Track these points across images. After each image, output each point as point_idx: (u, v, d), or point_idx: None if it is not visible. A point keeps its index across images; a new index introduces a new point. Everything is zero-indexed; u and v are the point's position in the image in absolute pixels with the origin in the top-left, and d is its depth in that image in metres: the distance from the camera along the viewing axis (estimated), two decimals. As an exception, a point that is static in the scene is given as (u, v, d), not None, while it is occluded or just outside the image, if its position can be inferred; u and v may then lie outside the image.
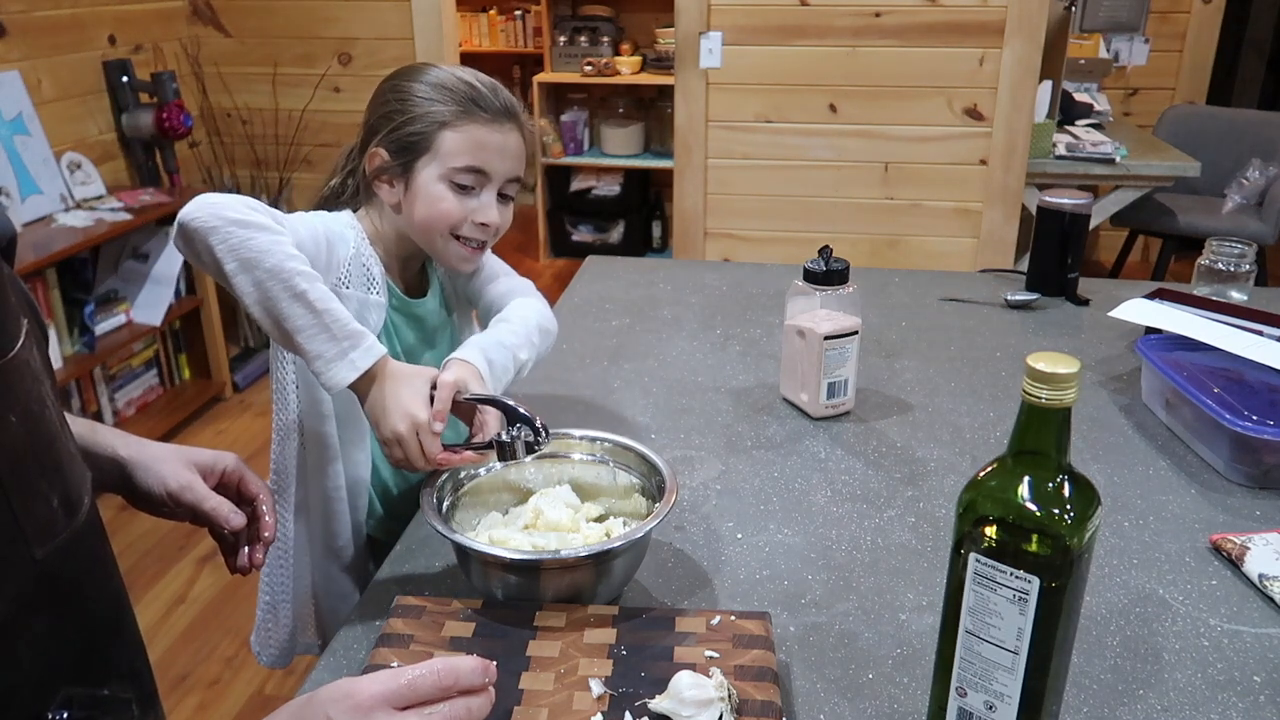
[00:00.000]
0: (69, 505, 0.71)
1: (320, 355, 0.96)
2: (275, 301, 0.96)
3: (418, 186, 1.16)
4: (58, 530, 0.69)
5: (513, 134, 1.18)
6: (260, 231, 0.98)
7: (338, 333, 0.97)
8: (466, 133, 1.14)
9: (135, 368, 3.22)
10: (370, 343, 0.98)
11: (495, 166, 1.16)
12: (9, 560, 0.66)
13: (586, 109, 4.95)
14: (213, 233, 0.97)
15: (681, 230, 3.20)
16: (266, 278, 0.96)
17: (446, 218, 1.16)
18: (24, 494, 0.66)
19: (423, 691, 0.65)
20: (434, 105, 1.15)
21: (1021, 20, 2.80)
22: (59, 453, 0.72)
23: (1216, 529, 1.07)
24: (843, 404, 1.33)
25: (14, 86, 2.86)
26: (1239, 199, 3.78)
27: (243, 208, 1.00)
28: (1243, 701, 0.82)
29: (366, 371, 0.97)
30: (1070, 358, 0.63)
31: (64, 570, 0.68)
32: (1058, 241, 1.71)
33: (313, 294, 0.97)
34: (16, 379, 0.67)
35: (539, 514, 0.99)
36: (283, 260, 0.97)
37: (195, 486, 0.92)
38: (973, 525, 0.68)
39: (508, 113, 1.17)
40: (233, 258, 0.97)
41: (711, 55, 2.97)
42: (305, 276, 0.98)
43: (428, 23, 3.39)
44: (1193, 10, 4.43)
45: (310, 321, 0.96)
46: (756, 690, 0.77)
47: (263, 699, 2.10)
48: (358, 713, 0.64)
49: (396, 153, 1.16)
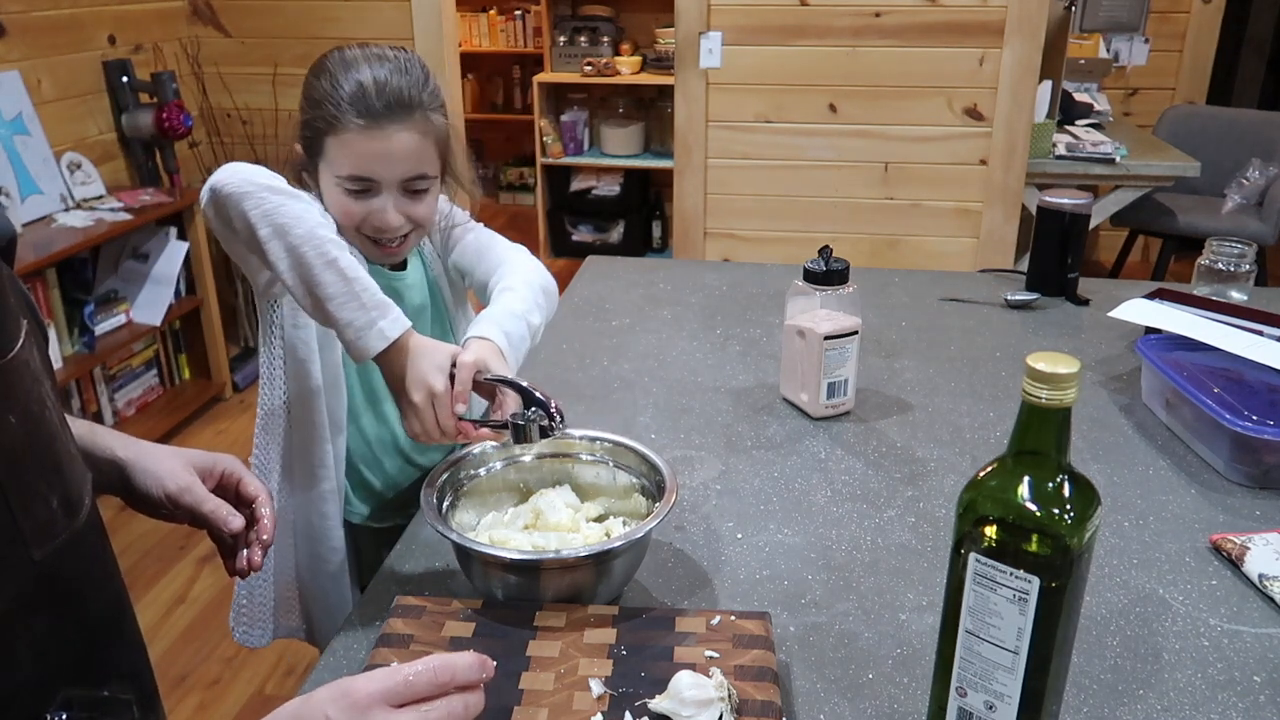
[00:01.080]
0: (69, 506, 0.71)
1: (351, 323, 0.96)
2: (309, 268, 0.96)
3: (322, 186, 1.16)
4: (57, 531, 0.69)
5: (401, 134, 1.11)
6: (292, 199, 0.98)
7: (367, 301, 0.97)
8: (344, 141, 1.11)
9: (135, 368, 3.22)
10: (397, 313, 0.98)
11: (381, 173, 1.12)
12: (7, 561, 0.66)
13: (586, 109, 4.95)
14: (246, 198, 0.97)
15: (681, 230, 3.20)
16: (300, 243, 0.96)
17: (348, 220, 1.15)
18: (23, 495, 0.66)
19: (420, 689, 0.65)
20: (322, 108, 1.11)
21: (1021, 20, 2.80)
22: (59, 453, 0.71)
23: (1216, 529, 1.07)
24: (843, 404, 1.33)
25: (14, 86, 2.86)
26: (1239, 199, 3.78)
27: (271, 175, 1.00)
28: (1243, 701, 0.82)
29: (394, 342, 0.97)
30: (1070, 358, 0.63)
31: (63, 571, 0.68)
32: (1058, 241, 1.71)
33: (343, 261, 0.97)
34: (16, 379, 0.66)
35: (539, 514, 0.99)
36: (314, 228, 0.97)
37: (194, 488, 0.92)
38: (973, 525, 0.68)
39: (394, 110, 1.10)
40: (266, 223, 0.97)
41: (711, 55, 2.97)
42: (336, 244, 0.98)
43: (428, 23, 3.39)
44: (1193, 10, 4.43)
45: (342, 289, 0.96)
46: (756, 690, 0.77)
47: (263, 699, 2.10)
48: (355, 711, 0.63)
49: (306, 149, 1.16)
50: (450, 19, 3.49)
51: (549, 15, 4.81)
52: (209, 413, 3.37)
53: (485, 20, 5.27)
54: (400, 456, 1.30)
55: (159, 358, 3.34)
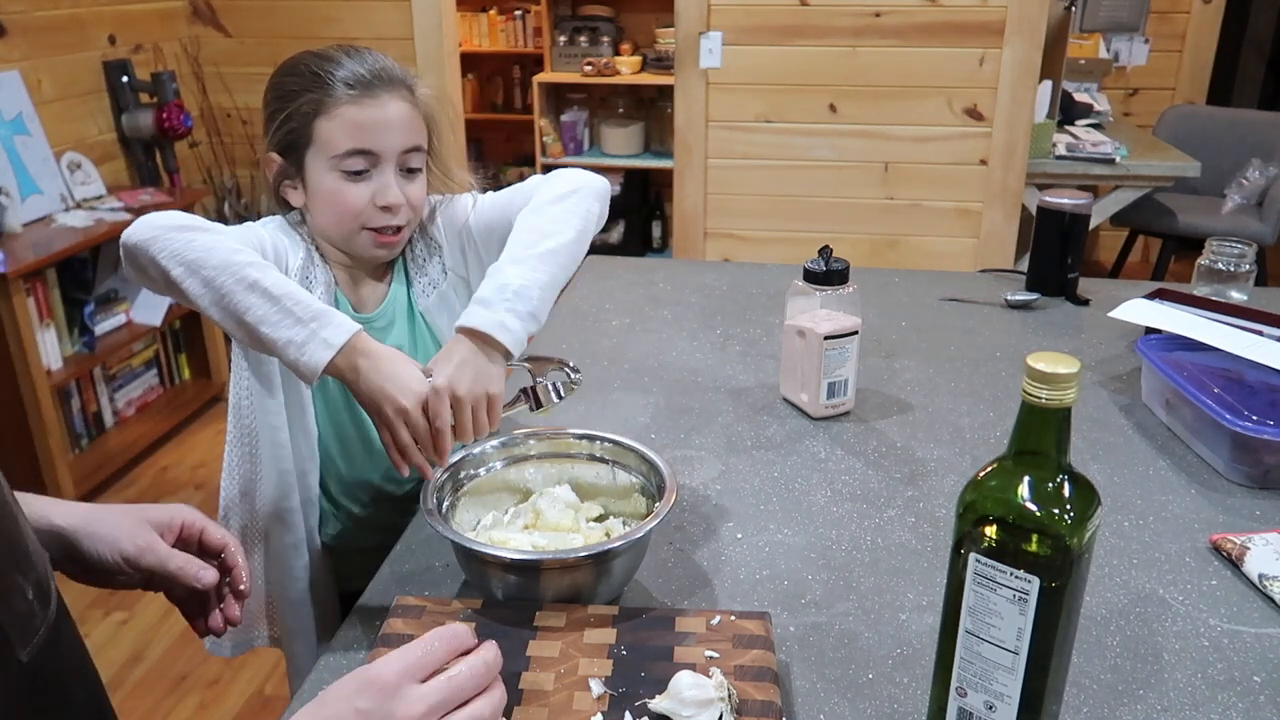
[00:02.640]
0: (42, 594, 0.65)
1: (290, 341, 0.91)
2: (229, 296, 0.92)
3: (312, 183, 1.11)
4: (36, 625, 0.63)
5: (393, 102, 1.09)
6: (201, 233, 0.95)
7: (301, 314, 0.92)
8: (339, 116, 1.07)
9: (135, 368, 3.22)
10: (340, 319, 0.93)
11: (382, 143, 1.08)
12: None
13: (586, 109, 4.95)
14: (152, 243, 0.94)
15: (681, 230, 3.20)
16: (215, 274, 0.93)
17: (349, 209, 1.10)
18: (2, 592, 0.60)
19: (440, 657, 0.66)
20: (304, 95, 1.08)
21: (1021, 20, 2.80)
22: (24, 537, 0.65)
23: (1216, 529, 1.07)
24: (843, 404, 1.33)
25: (14, 86, 2.86)
26: (1239, 199, 3.78)
27: (182, 217, 0.97)
28: (1243, 701, 0.82)
29: (343, 349, 0.91)
30: (1070, 358, 0.63)
31: (46, 669, 0.64)
32: (1058, 241, 1.71)
33: (266, 280, 0.93)
34: None
35: (539, 514, 0.99)
36: (229, 255, 0.94)
37: (156, 547, 0.83)
38: (973, 525, 0.68)
39: (381, 80, 1.08)
40: (176, 262, 0.94)
41: (711, 55, 2.97)
42: (256, 266, 0.94)
43: (428, 23, 3.39)
44: (1193, 10, 4.43)
45: (270, 309, 0.92)
46: (756, 690, 0.77)
47: (263, 699, 2.10)
48: (386, 695, 0.63)
49: (284, 152, 1.11)
50: (450, 19, 3.49)
51: (549, 15, 4.81)
52: (209, 413, 3.37)
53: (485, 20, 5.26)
54: (374, 486, 1.26)
55: (159, 358, 3.34)
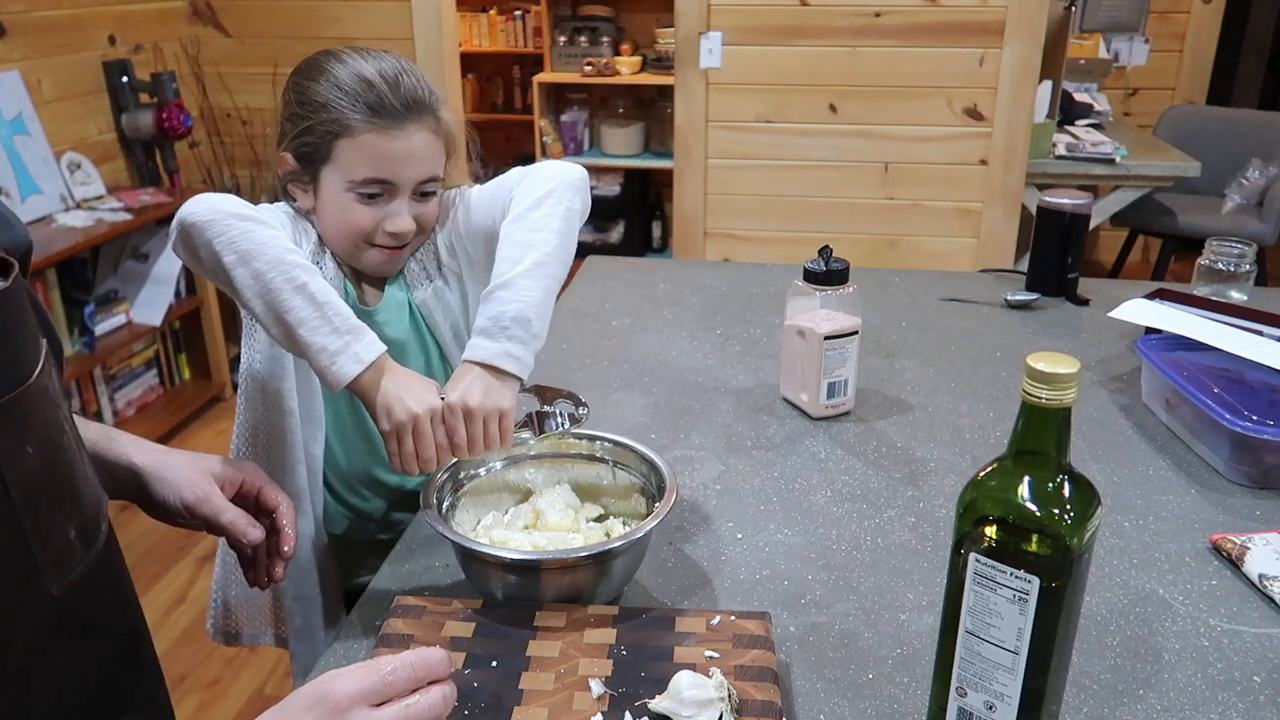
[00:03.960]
0: (86, 535, 0.69)
1: (324, 349, 0.93)
2: (277, 293, 0.94)
3: (324, 195, 1.12)
4: (75, 563, 0.67)
5: (419, 134, 1.09)
6: (258, 225, 0.97)
7: (340, 326, 0.94)
8: (363, 143, 1.07)
9: (135, 368, 3.22)
10: (371, 337, 0.95)
11: (400, 174, 1.10)
12: (26, 600, 0.63)
13: (586, 109, 4.95)
14: (210, 226, 0.96)
15: (681, 230, 3.20)
16: (267, 269, 0.94)
17: (357, 228, 1.11)
18: (41, 529, 0.64)
19: (399, 686, 0.64)
20: (330, 110, 1.07)
21: (1021, 20, 2.80)
22: (76, 481, 0.69)
23: (1216, 529, 1.07)
24: (843, 404, 1.33)
25: (14, 86, 2.86)
26: (1239, 199, 3.77)
27: (239, 204, 0.98)
28: (1243, 701, 0.82)
29: (371, 365, 0.94)
30: (1070, 358, 0.63)
31: (80, 605, 0.66)
32: (1058, 241, 1.71)
33: (313, 286, 0.95)
34: (34, 407, 0.64)
35: (539, 514, 0.99)
36: (283, 253, 0.95)
37: (213, 499, 0.90)
38: (973, 525, 0.68)
39: (411, 110, 1.08)
40: (231, 250, 0.95)
41: (711, 55, 2.97)
42: (305, 269, 0.96)
43: (428, 23, 3.39)
44: (1193, 10, 4.42)
45: (313, 314, 0.94)
46: (756, 690, 0.77)
47: (263, 699, 2.10)
48: (335, 714, 0.62)
49: (300, 159, 1.12)
50: (450, 19, 3.49)
51: (549, 15, 4.81)
52: (209, 413, 3.37)
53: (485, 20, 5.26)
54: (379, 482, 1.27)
55: (159, 358, 3.34)
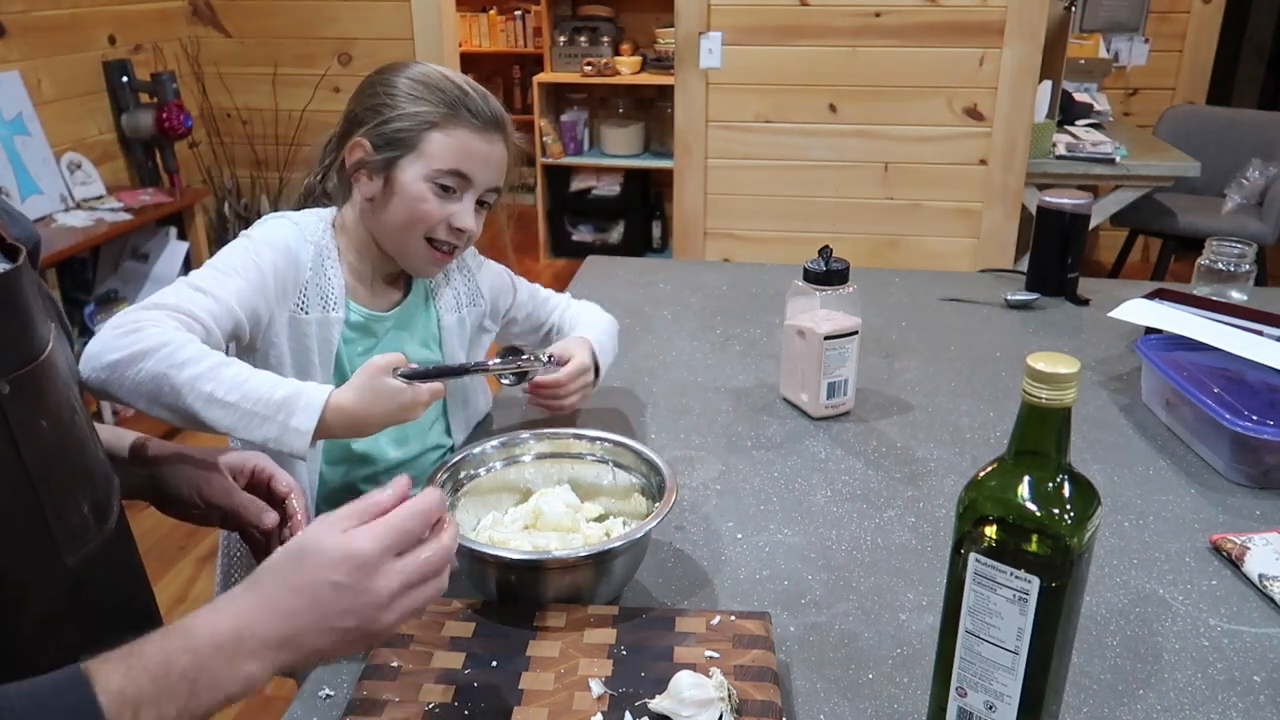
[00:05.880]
0: (99, 512, 0.71)
1: (266, 439, 0.94)
2: (196, 415, 0.95)
3: (398, 184, 1.15)
4: (89, 537, 0.69)
5: (499, 144, 1.17)
6: (144, 359, 0.94)
7: (264, 411, 0.94)
8: (454, 136, 1.14)
9: (135, 368, 3.22)
10: (306, 399, 0.95)
11: (479, 174, 1.16)
12: (41, 569, 0.65)
13: (586, 109, 4.95)
14: (106, 385, 0.95)
15: (681, 230, 3.20)
16: (173, 400, 0.94)
17: (425, 219, 1.15)
18: (56, 499, 0.66)
19: (416, 533, 0.65)
20: (424, 104, 1.14)
21: (1021, 20, 2.80)
22: (89, 459, 0.71)
23: (1216, 529, 1.07)
24: (843, 404, 1.33)
25: (14, 86, 2.86)
26: (1239, 199, 3.77)
27: (121, 338, 0.95)
28: (1243, 701, 0.82)
29: (320, 423, 0.95)
30: (1070, 358, 0.63)
31: (95, 580, 0.67)
32: (1058, 241, 1.71)
33: (220, 390, 0.94)
34: (47, 383, 0.66)
35: (539, 514, 0.99)
36: (176, 374, 0.94)
37: (225, 485, 0.92)
38: (973, 525, 0.68)
39: (496, 123, 1.17)
40: (138, 397, 0.95)
41: (711, 55, 2.97)
42: (205, 377, 0.94)
43: (428, 23, 3.39)
44: (1193, 10, 4.42)
45: (235, 417, 0.94)
46: (756, 690, 0.77)
47: (263, 699, 2.10)
48: (366, 573, 0.63)
49: (380, 147, 1.15)
50: (450, 19, 3.49)
51: (549, 15, 4.81)
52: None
53: (485, 20, 5.27)
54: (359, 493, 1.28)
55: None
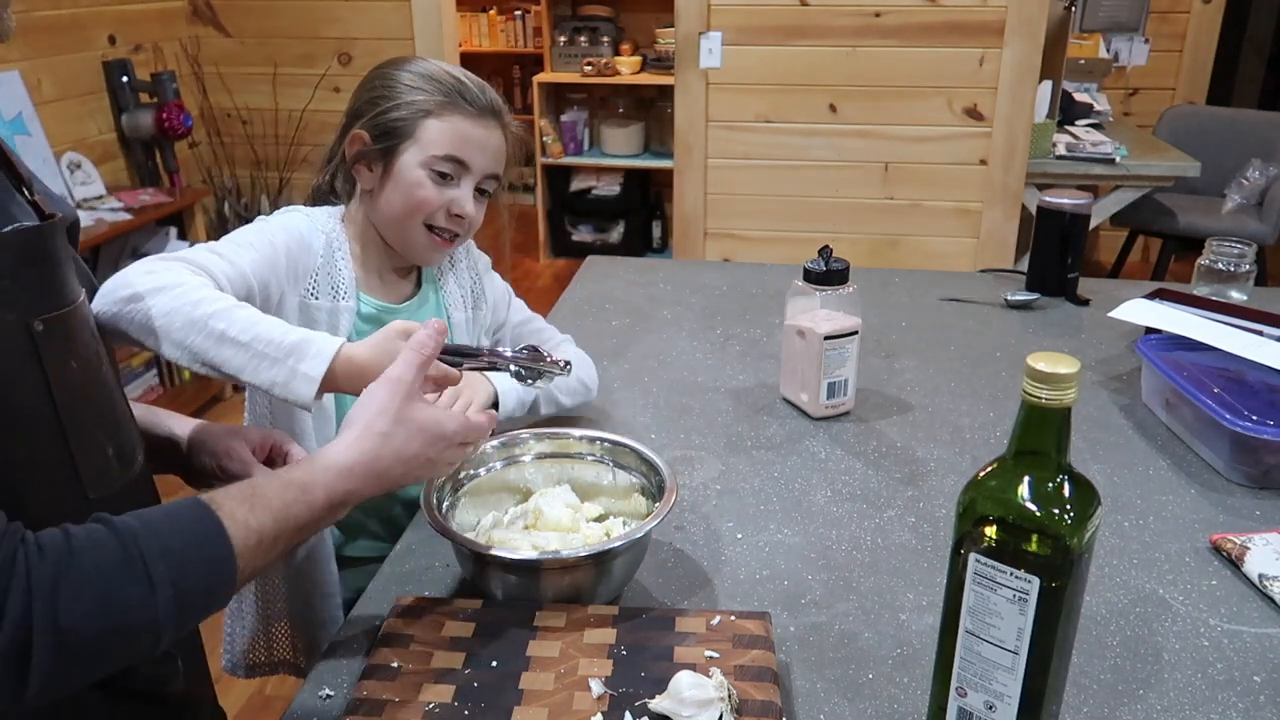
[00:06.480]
0: (124, 458, 0.77)
1: (273, 383, 0.92)
2: (204, 353, 0.93)
3: (397, 172, 1.17)
4: (112, 479, 0.75)
5: (495, 132, 1.20)
6: (158, 294, 0.93)
7: (275, 354, 0.92)
8: (450, 123, 1.16)
9: (135, 368, 3.22)
10: (317, 346, 0.92)
11: (476, 160, 1.18)
12: (63, 497, 0.70)
13: (586, 109, 4.95)
14: (116, 320, 0.94)
15: (681, 230, 3.20)
16: (184, 336, 0.92)
17: (424, 205, 1.17)
18: (81, 438, 0.72)
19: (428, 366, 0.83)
20: (419, 94, 1.17)
21: (1021, 20, 2.80)
22: (116, 409, 0.77)
23: (1216, 529, 1.07)
24: (843, 404, 1.33)
25: (14, 86, 2.86)
26: (1239, 199, 3.77)
27: (138, 276, 0.95)
28: (1243, 701, 0.82)
29: (328, 372, 0.91)
30: (1070, 358, 0.63)
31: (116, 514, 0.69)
32: (1058, 241, 1.71)
33: (233, 329, 0.92)
34: (78, 329, 0.73)
35: (539, 514, 0.99)
36: (190, 310, 0.93)
37: (244, 457, 0.98)
38: (973, 525, 0.68)
39: (492, 111, 1.19)
40: (145, 333, 0.93)
41: (711, 55, 2.97)
42: (219, 315, 0.93)
43: (428, 23, 3.39)
44: (1193, 10, 4.42)
45: (244, 358, 0.92)
46: (756, 690, 0.77)
47: (263, 699, 2.10)
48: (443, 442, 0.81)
49: (378, 137, 1.17)
50: (450, 19, 3.49)
51: (549, 15, 4.81)
52: (209, 412, 3.37)
53: (485, 20, 5.27)
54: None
55: (159, 358, 3.33)
